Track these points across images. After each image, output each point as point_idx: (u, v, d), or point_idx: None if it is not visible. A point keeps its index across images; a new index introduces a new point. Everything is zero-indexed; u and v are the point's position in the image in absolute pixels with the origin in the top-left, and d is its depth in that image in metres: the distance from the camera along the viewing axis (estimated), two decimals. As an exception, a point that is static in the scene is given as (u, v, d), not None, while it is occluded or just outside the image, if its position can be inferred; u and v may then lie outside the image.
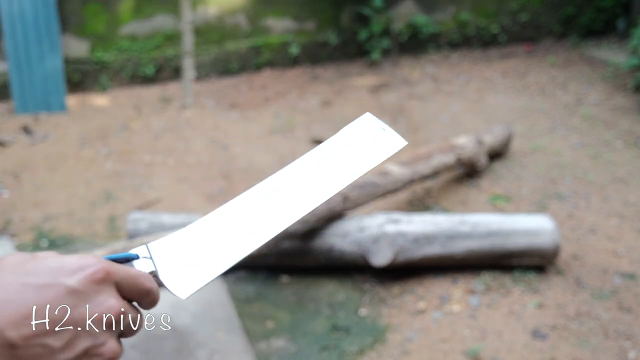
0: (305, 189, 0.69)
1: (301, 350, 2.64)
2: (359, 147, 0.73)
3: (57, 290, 0.49)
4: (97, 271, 0.51)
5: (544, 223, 3.02)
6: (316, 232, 3.02)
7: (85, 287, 0.50)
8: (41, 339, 0.48)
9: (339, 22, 6.65)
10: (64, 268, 0.51)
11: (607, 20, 6.95)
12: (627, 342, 2.61)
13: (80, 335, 0.50)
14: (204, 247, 0.63)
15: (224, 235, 0.65)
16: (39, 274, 0.50)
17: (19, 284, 0.49)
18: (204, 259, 0.63)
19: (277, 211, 0.68)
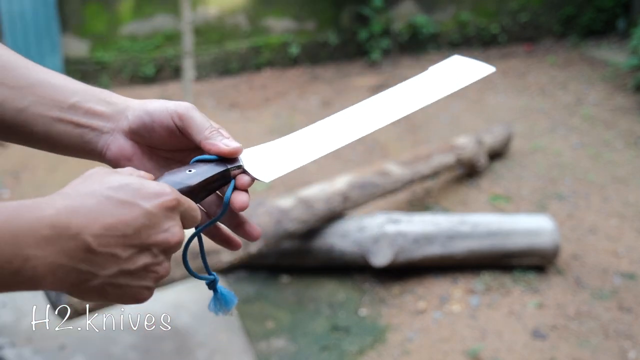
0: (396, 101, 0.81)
1: (301, 350, 2.64)
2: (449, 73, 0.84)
3: (134, 210, 0.55)
4: (171, 200, 0.58)
5: (544, 223, 3.02)
6: (316, 232, 3.02)
7: (157, 211, 0.57)
8: (113, 248, 0.54)
9: (339, 22, 6.65)
10: (143, 191, 0.56)
11: (607, 20, 6.95)
12: (627, 342, 2.61)
13: (144, 252, 0.57)
14: (287, 148, 0.73)
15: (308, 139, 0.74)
16: (121, 191, 0.55)
17: (104, 196, 0.55)
18: (285, 154, 0.72)
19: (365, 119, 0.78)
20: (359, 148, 4.68)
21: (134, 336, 2.58)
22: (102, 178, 0.57)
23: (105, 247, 0.54)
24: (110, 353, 2.51)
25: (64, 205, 0.53)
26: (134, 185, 0.56)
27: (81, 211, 0.53)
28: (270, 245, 2.82)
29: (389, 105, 0.80)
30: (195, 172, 0.66)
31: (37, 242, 0.51)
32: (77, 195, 0.55)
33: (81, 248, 0.53)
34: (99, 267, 0.55)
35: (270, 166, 0.71)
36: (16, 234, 0.50)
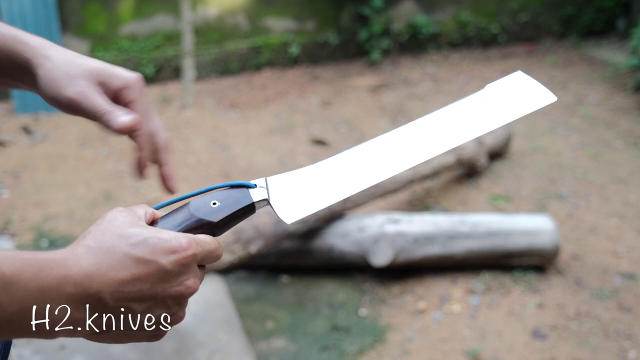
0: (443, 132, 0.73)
1: (301, 350, 2.64)
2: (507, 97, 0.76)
3: (151, 267, 0.57)
4: (187, 257, 0.59)
5: (544, 223, 3.02)
6: (316, 232, 3.02)
7: (174, 268, 0.59)
8: (128, 303, 0.57)
9: (339, 22, 6.65)
10: (161, 247, 0.58)
11: (607, 20, 6.95)
12: (627, 342, 2.61)
13: (158, 305, 0.59)
14: (317, 182, 0.71)
15: (339, 173, 0.72)
16: (139, 247, 0.57)
17: (123, 253, 0.57)
18: (313, 191, 0.70)
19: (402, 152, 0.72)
20: (359, 148, 4.68)
21: (134, 336, 2.58)
22: (122, 231, 0.58)
23: (122, 302, 0.57)
24: (110, 353, 2.50)
25: (88, 264, 0.55)
26: (151, 241, 0.58)
27: (102, 270, 0.56)
28: (270, 245, 2.82)
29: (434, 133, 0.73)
30: (219, 206, 0.66)
31: (60, 298, 0.53)
32: (99, 252, 0.56)
33: (97, 302, 0.56)
34: (117, 319, 0.58)
35: (295, 202, 0.69)
36: (43, 288, 0.52)
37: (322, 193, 0.71)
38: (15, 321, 0.52)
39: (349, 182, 0.71)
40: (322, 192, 0.71)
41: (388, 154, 0.72)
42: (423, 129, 0.74)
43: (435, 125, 0.74)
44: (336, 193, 0.71)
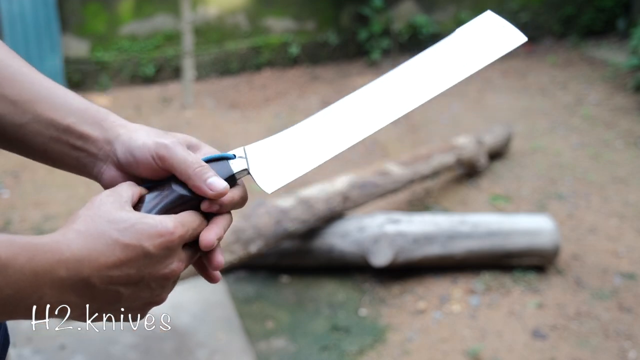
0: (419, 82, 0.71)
1: (301, 350, 2.64)
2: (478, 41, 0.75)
3: (137, 252, 0.60)
4: (173, 240, 0.61)
5: (544, 223, 3.02)
6: (316, 232, 3.02)
7: (160, 252, 0.61)
8: (115, 286, 0.60)
9: (339, 22, 6.65)
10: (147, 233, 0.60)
11: (607, 20, 6.95)
12: (627, 342, 2.61)
13: (144, 288, 0.62)
14: (295, 147, 0.71)
15: (319, 134, 0.71)
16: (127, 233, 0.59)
17: (112, 239, 0.59)
18: (292, 158, 0.70)
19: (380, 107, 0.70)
20: (359, 148, 4.68)
21: (134, 336, 2.58)
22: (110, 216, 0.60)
23: (108, 285, 0.59)
24: (110, 353, 2.51)
25: (78, 249, 0.57)
26: (138, 227, 0.60)
27: (92, 255, 0.58)
28: (270, 245, 2.82)
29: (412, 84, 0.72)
30: None
31: (53, 282, 0.56)
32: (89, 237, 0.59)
33: (89, 288, 0.58)
34: (106, 303, 0.61)
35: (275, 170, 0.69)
36: (37, 272, 0.55)
37: (302, 158, 0.70)
38: (12, 303, 0.54)
39: (329, 144, 0.70)
40: (302, 158, 0.70)
41: (366, 111, 0.71)
42: (399, 81, 0.72)
43: (411, 76, 0.72)
44: (316, 157, 0.70)
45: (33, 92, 0.69)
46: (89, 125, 0.70)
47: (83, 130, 0.70)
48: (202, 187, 0.65)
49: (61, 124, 0.69)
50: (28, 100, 0.69)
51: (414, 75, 0.72)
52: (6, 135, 0.70)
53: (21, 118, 0.69)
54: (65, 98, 0.71)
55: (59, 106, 0.70)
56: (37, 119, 0.69)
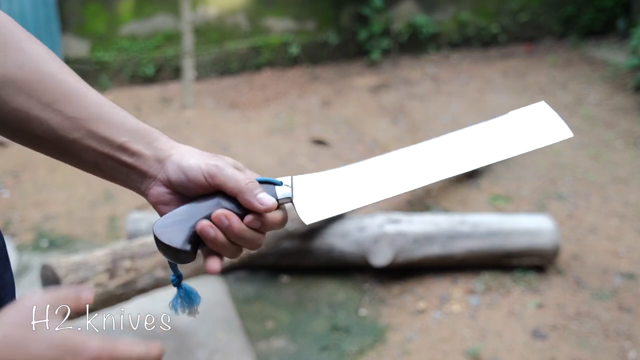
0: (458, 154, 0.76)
1: (301, 350, 2.64)
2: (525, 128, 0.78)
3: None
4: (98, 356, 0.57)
5: (544, 223, 3.02)
6: (316, 232, 3.02)
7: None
8: None
9: (339, 22, 6.65)
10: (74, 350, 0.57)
11: (607, 20, 6.95)
12: (627, 342, 2.61)
13: None
14: (340, 186, 0.74)
15: (364, 179, 0.74)
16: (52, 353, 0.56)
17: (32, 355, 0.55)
18: (335, 196, 0.73)
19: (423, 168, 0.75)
20: (359, 148, 4.68)
21: (134, 336, 2.58)
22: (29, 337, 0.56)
23: None
24: (110, 353, 2.50)
25: None
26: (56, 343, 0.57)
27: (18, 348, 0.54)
28: (270, 245, 2.82)
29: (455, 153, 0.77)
30: None
31: None
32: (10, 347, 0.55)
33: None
34: None
35: (317, 204, 0.73)
36: None
37: (344, 198, 0.74)
38: None
39: (374, 190, 0.74)
40: (343, 197, 0.74)
41: (409, 167, 0.75)
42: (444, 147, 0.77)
43: (457, 145, 0.77)
44: (357, 199, 0.73)
45: (89, 110, 0.72)
46: (142, 145, 0.73)
47: (136, 148, 0.73)
48: (252, 201, 0.69)
49: (115, 142, 0.72)
50: (84, 118, 0.72)
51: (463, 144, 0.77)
52: (61, 147, 0.73)
53: (75, 133, 0.71)
54: (119, 117, 0.73)
55: (113, 125, 0.73)
56: (91, 135, 0.72)
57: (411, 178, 0.75)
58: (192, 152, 0.73)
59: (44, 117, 0.70)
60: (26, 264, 3.10)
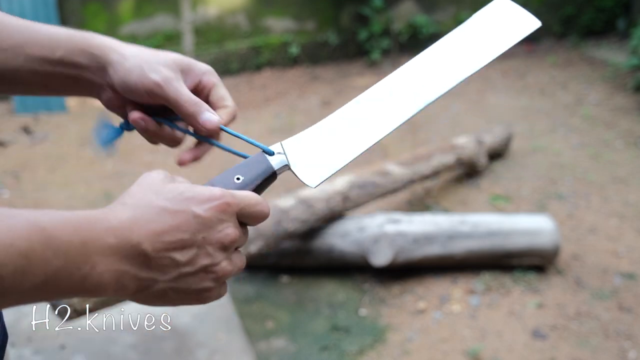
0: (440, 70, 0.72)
1: (301, 350, 2.64)
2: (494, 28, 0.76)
3: (187, 217, 0.59)
4: (222, 204, 0.61)
5: (544, 223, 3.02)
6: (316, 232, 3.02)
7: (209, 215, 0.60)
8: (170, 253, 0.59)
9: (339, 22, 6.65)
10: (196, 198, 0.60)
11: (607, 20, 6.95)
12: (627, 342, 2.61)
13: (201, 254, 0.60)
14: (333, 138, 0.71)
15: (356, 122, 0.71)
16: (175, 200, 0.60)
17: (160, 207, 0.59)
18: (332, 150, 0.70)
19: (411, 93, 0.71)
20: (359, 148, 4.68)
21: (134, 336, 2.58)
22: (158, 188, 0.61)
23: (164, 252, 0.58)
24: (110, 353, 2.51)
25: (126, 217, 0.57)
26: (187, 194, 0.60)
27: (141, 222, 0.58)
28: (271, 245, 2.82)
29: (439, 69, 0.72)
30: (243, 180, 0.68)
31: (104, 250, 0.55)
32: (137, 207, 0.59)
33: (142, 256, 0.57)
34: (160, 273, 0.59)
35: (316, 164, 0.69)
36: (85, 241, 0.54)
37: (343, 150, 0.70)
38: (65, 275, 0.53)
39: (366, 132, 0.70)
40: (342, 149, 0.70)
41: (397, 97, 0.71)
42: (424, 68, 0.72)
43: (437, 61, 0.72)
44: (356, 146, 0.70)
45: (20, 36, 0.73)
46: (79, 55, 0.73)
47: (76, 60, 0.73)
48: (197, 125, 0.71)
49: (53, 59, 0.73)
50: (18, 45, 0.73)
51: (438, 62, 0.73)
52: (6, 79, 0.74)
53: (15, 62, 0.73)
54: (50, 33, 0.74)
55: (46, 42, 0.73)
56: (30, 59, 0.72)
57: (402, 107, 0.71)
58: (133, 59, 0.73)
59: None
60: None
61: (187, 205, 0.59)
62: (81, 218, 0.55)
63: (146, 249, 0.57)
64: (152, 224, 0.58)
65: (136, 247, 0.57)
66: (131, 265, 0.57)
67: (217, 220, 0.61)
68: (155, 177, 0.62)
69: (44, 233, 0.52)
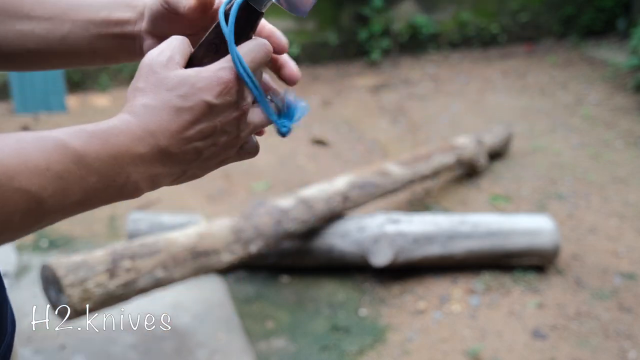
0: None
1: (301, 350, 2.64)
2: None
3: (203, 108, 0.61)
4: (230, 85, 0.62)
5: (544, 223, 3.02)
6: (316, 232, 3.02)
7: (223, 99, 0.62)
8: (194, 144, 0.62)
9: (339, 22, 6.65)
10: (206, 87, 0.61)
11: (607, 20, 6.95)
12: (627, 342, 2.61)
13: (220, 134, 0.63)
14: None
15: None
16: (189, 95, 0.61)
17: (176, 107, 0.60)
18: None
19: None
20: (359, 148, 4.68)
21: (134, 336, 2.58)
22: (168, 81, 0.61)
23: (190, 146, 0.61)
24: (110, 353, 2.51)
25: (148, 124, 0.59)
26: (198, 84, 0.61)
27: (163, 125, 0.60)
28: (271, 245, 2.82)
29: None
30: None
31: (134, 160, 0.58)
32: (155, 109, 0.60)
33: (172, 156, 0.61)
34: (188, 163, 0.63)
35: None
36: (115, 155, 0.57)
37: None
38: (100, 189, 0.57)
39: None
40: None
41: None
42: None
43: None
44: None
45: (63, 2, 0.73)
46: (121, 10, 0.73)
47: (118, 16, 0.73)
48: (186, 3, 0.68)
49: (97, 19, 0.73)
50: (61, 13, 0.73)
51: None
52: (57, 52, 0.74)
53: (61, 30, 0.73)
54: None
55: (87, 5, 0.74)
56: (76, 24, 0.73)
57: None
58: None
59: (28, 29, 0.72)
60: (26, 264, 3.10)
61: (200, 97, 0.61)
62: (106, 131, 0.57)
63: (173, 150, 0.60)
64: (174, 125, 0.60)
65: (165, 150, 0.60)
66: (163, 166, 0.61)
67: (229, 102, 0.62)
68: (161, 62, 0.62)
69: (75, 153, 0.55)
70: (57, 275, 2.10)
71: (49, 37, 0.73)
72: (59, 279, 2.10)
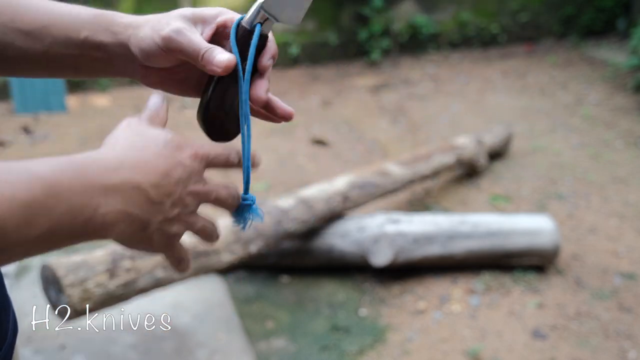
0: None
1: (301, 350, 2.64)
2: None
3: (175, 162, 0.62)
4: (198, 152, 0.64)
5: (544, 223, 3.02)
6: (316, 232, 3.02)
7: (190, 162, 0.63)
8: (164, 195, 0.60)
9: (339, 22, 6.65)
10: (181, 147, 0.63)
11: (607, 20, 6.95)
12: (627, 342, 2.61)
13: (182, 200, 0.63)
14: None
15: None
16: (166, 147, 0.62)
17: (154, 152, 0.61)
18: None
19: None
20: (359, 148, 4.68)
21: (134, 336, 2.58)
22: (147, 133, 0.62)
23: (160, 194, 0.60)
24: (110, 353, 2.51)
25: (125, 158, 0.59)
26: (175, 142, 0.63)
27: (140, 164, 0.59)
28: (271, 245, 2.82)
29: None
30: None
31: (106, 191, 0.56)
32: (135, 149, 0.60)
33: (142, 196, 0.59)
34: (154, 214, 0.61)
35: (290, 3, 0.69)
36: (85, 184, 0.55)
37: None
38: (69, 221, 0.54)
39: None
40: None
41: None
42: None
43: None
44: None
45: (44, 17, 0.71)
46: (101, 34, 0.72)
47: (99, 40, 0.72)
48: (212, 68, 0.68)
49: (78, 40, 0.71)
50: (41, 27, 0.71)
51: None
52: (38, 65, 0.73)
53: (41, 45, 0.71)
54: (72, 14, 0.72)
55: (69, 24, 0.71)
56: (56, 41, 0.71)
57: None
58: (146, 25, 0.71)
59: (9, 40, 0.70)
60: (26, 264, 3.10)
61: (175, 153, 0.62)
62: (79, 162, 0.56)
63: (146, 189, 0.59)
64: (150, 166, 0.59)
65: (137, 187, 0.58)
66: (133, 205, 0.58)
67: (193, 170, 0.63)
68: (135, 122, 0.64)
69: (44, 182, 0.52)
70: (57, 275, 2.10)
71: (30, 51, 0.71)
72: (59, 279, 2.10)
